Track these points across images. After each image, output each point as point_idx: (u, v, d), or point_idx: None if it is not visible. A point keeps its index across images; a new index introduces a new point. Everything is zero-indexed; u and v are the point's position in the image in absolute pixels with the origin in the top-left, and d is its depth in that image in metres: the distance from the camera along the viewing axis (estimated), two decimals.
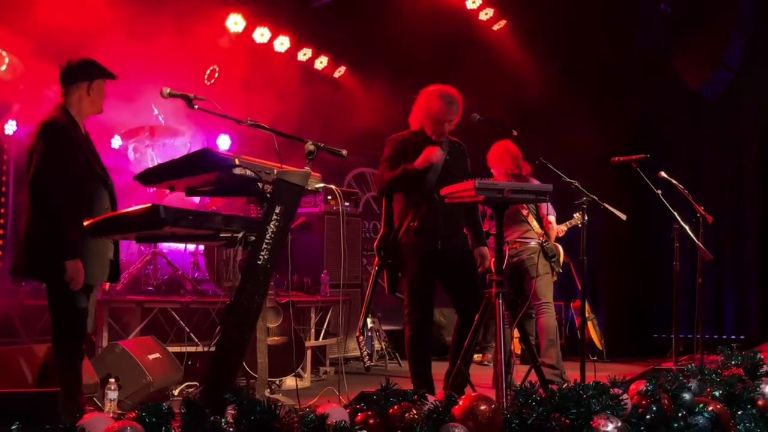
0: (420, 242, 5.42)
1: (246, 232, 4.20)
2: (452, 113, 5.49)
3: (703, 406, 3.70)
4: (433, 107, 5.46)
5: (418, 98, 5.60)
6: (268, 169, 4.17)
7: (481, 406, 3.01)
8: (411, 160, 5.42)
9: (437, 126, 5.48)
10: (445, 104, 5.47)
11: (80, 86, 4.81)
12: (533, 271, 6.80)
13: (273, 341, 6.43)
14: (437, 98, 5.48)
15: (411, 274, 5.48)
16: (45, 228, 4.45)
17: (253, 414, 2.54)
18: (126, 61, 8.03)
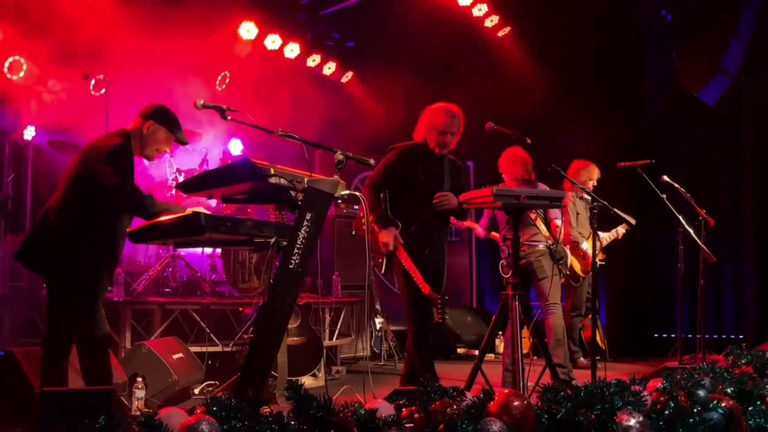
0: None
1: (278, 238, 4.41)
2: (454, 126, 5.85)
3: (716, 403, 3.90)
4: (437, 120, 5.84)
5: (423, 114, 5.97)
6: (299, 178, 4.37)
7: (514, 402, 3.21)
8: (413, 171, 5.79)
9: (440, 137, 5.82)
10: (448, 117, 5.83)
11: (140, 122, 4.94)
12: (540, 273, 7.01)
13: (292, 341, 6.63)
14: (441, 112, 5.87)
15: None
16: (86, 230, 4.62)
17: (311, 408, 2.74)
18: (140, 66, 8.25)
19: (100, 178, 4.56)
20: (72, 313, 4.68)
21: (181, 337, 6.77)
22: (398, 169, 5.82)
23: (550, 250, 7.03)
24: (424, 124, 5.91)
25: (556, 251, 7.07)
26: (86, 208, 4.61)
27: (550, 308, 7.01)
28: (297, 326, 6.87)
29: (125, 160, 4.70)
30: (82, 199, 4.65)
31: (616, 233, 8.78)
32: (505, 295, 5.21)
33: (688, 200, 7.24)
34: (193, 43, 8.50)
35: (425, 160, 5.87)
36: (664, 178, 7.23)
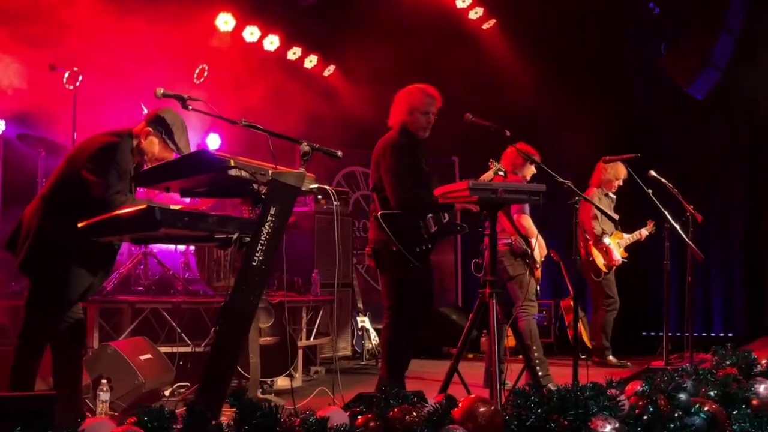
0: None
1: (241, 233, 4.19)
2: (433, 105, 5.61)
3: (699, 407, 3.70)
4: (415, 101, 5.58)
5: (397, 98, 5.71)
6: (263, 170, 4.14)
7: (480, 408, 3.00)
8: (419, 160, 5.54)
9: (423, 118, 5.58)
10: (427, 97, 5.60)
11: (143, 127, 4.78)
12: (505, 274, 6.81)
13: (265, 341, 6.42)
14: (418, 92, 5.62)
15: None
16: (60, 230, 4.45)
17: (254, 417, 2.52)
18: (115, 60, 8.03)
19: (83, 177, 4.46)
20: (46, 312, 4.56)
21: (151, 338, 6.56)
22: (411, 160, 5.53)
23: (511, 248, 6.81)
24: (401, 108, 5.62)
25: (516, 247, 6.84)
26: (71, 207, 4.46)
27: (519, 311, 6.77)
28: (270, 326, 6.66)
29: (110, 160, 4.56)
30: (66, 198, 4.55)
31: (639, 234, 8.73)
32: (482, 294, 5.01)
33: (676, 195, 7.06)
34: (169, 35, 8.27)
35: (415, 147, 5.61)
36: (651, 173, 7.08)
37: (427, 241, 5.42)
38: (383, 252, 5.45)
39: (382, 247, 5.45)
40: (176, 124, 4.75)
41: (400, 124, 5.62)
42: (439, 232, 5.46)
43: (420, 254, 5.39)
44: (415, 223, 5.38)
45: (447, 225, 5.48)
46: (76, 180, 4.56)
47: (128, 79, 7.92)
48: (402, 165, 5.46)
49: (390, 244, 5.35)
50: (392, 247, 5.35)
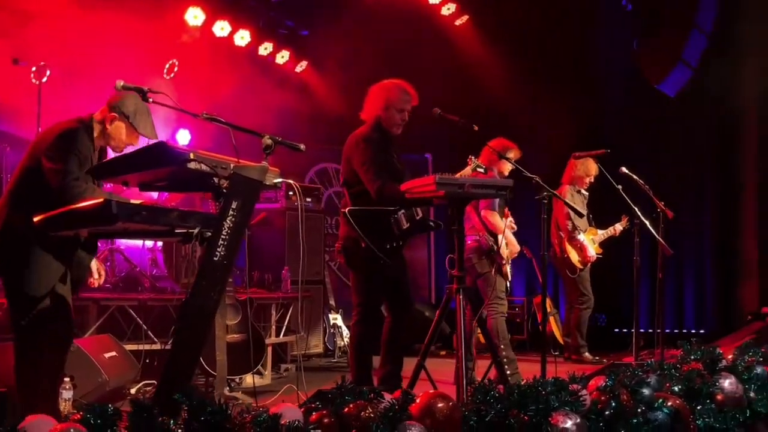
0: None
1: (202, 228, 4.11)
2: (409, 103, 5.53)
3: (662, 402, 3.68)
4: (392, 97, 5.49)
5: (371, 93, 5.62)
6: (224, 164, 4.07)
7: (438, 404, 2.96)
8: (391, 156, 5.47)
9: (398, 116, 5.50)
10: (405, 94, 5.51)
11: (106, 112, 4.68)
12: (472, 271, 6.78)
13: (232, 339, 6.34)
14: (396, 89, 5.53)
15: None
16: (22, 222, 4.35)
17: (203, 414, 2.46)
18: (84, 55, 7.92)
19: (43, 166, 4.36)
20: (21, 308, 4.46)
21: (118, 335, 6.47)
22: (384, 155, 5.45)
23: (479, 244, 6.77)
24: (377, 102, 5.52)
25: (485, 245, 6.79)
26: (37, 199, 4.33)
27: (488, 309, 6.72)
28: (237, 323, 6.57)
29: (70, 147, 4.44)
30: (30, 190, 4.43)
31: (613, 230, 8.72)
32: (449, 289, 4.97)
33: (647, 192, 7.05)
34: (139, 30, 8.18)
35: (388, 143, 5.54)
36: (622, 170, 7.05)
37: (398, 237, 5.35)
38: (352, 248, 5.37)
39: (352, 243, 5.37)
40: (140, 109, 4.65)
41: (374, 119, 5.54)
42: (412, 228, 5.39)
43: (390, 251, 5.31)
44: (386, 220, 5.30)
45: (420, 221, 5.41)
46: (38, 170, 4.46)
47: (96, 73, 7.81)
48: (376, 156, 5.38)
49: (359, 240, 5.28)
50: (361, 243, 5.28)
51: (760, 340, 6.57)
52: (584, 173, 8.38)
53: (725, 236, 10.23)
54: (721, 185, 10.27)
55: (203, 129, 8.92)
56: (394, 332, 5.57)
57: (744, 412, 4.24)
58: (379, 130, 5.52)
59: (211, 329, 4.42)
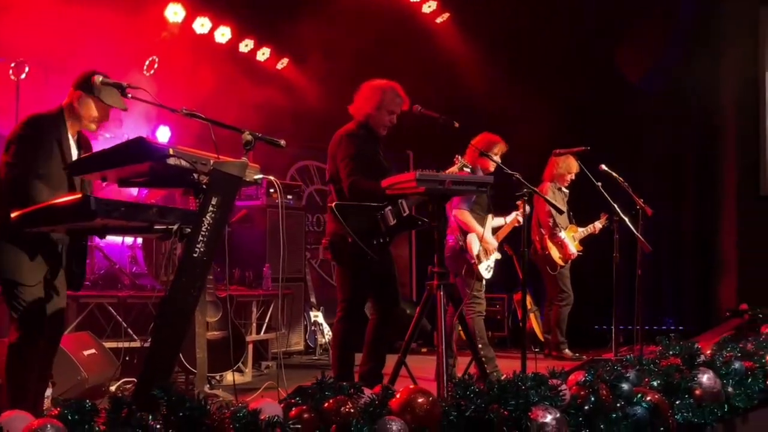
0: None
1: (182, 225, 4.09)
2: (400, 106, 5.57)
3: (641, 396, 3.70)
4: (386, 98, 5.53)
5: (365, 90, 5.62)
6: (204, 160, 4.05)
7: (418, 399, 2.95)
8: (377, 155, 5.49)
9: (386, 116, 5.54)
10: (397, 96, 5.55)
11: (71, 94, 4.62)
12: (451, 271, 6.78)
13: (212, 336, 6.32)
14: (390, 90, 5.56)
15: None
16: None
17: (182, 410, 2.44)
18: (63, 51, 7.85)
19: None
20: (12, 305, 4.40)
21: (97, 332, 6.44)
22: (371, 155, 5.48)
23: (456, 243, 6.78)
24: (369, 101, 5.55)
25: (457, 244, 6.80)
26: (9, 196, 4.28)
27: (467, 308, 6.73)
28: (218, 320, 6.54)
29: (26, 140, 4.38)
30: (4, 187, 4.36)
31: (593, 228, 8.72)
32: (429, 286, 4.96)
33: (626, 189, 7.07)
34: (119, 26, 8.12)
35: (375, 141, 5.59)
36: (602, 167, 7.08)
37: (385, 234, 5.35)
38: (339, 244, 5.38)
39: (339, 239, 5.37)
40: (105, 82, 4.60)
41: (363, 116, 5.57)
42: (399, 225, 5.39)
43: (377, 247, 5.31)
44: (373, 216, 5.30)
45: (407, 218, 5.41)
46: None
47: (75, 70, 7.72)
48: (358, 152, 5.40)
49: (346, 236, 5.28)
50: (348, 238, 5.27)
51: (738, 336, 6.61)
52: (565, 170, 8.41)
53: (704, 233, 10.29)
54: (700, 182, 10.32)
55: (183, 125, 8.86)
56: (379, 329, 5.58)
57: (722, 406, 4.27)
58: (366, 128, 5.56)
59: (190, 326, 4.40)
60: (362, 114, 5.57)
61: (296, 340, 8.98)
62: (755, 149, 10.10)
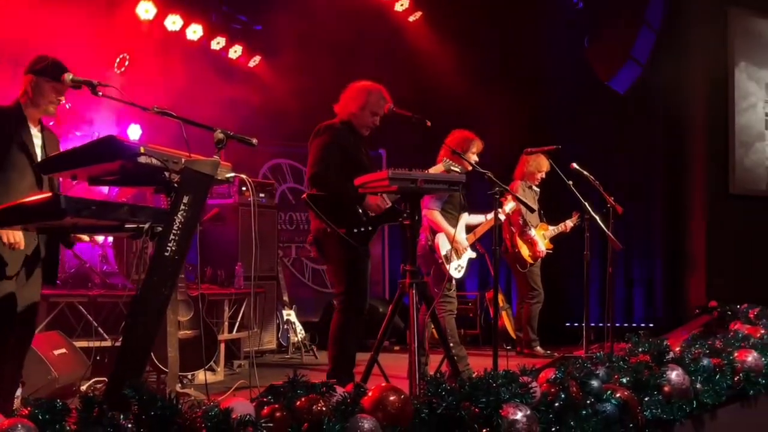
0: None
1: (153, 223, 4.07)
2: (383, 108, 5.64)
3: (610, 393, 3.74)
4: (372, 100, 5.62)
5: (351, 90, 5.71)
6: (175, 158, 4.03)
7: (390, 397, 2.97)
8: (359, 152, 5.55)
9: (370, 118, 5.63)
10: (382, 99, 5.63)
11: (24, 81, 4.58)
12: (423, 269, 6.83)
13: (184, 335, 6.28)
14: (377, 92, 5.65)
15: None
16: None
17: (153, 409, 2.44)
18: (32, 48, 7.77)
19: None
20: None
21: (67, 332, 6.40)
22: (349, 149, 5.53)
23: (428, 242, 6.81)
24: (356, 101, 5.64)
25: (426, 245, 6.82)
26: None
27: (439, 306, 6.76)
28: (190, 319, 6.52)
29: None
30: None
31: (564, 226, 8.75)
32: (402, 284, 4.98)
33: (597, 187, 7.13)
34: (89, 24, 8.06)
35: (359, 141, 5.66)
36: (573, 166, 7.12)
37: (366, 223, 5.41)
38: (323, 238, 5.44)
39: (322, 234, 5.43)
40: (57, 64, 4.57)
41: (347, 115, 5.65)
42: (381, 216, 5.45)
43: (359, 236, 5.36)
44: (352, 205, 5.36)
45: (389, 210, 5.45)
46: None
47: None
48: (333, 145, 5.45)
49: (327, 228, 5.34)
50: (328, 229, 5.34)
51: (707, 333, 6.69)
52: (536, 169, 8.45)
53: (674, 231, 10.38)
54: (671, 180, 10.42)
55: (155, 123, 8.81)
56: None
57: (691, 402, 4.32)
58: (349, 126, 5.64)
59: (162, 325, 4.38)
60: (346, 113, 5.65)
61: (269, 339, 8.96)
62: (724, 148, 10.23)
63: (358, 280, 5.46)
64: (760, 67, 10.50)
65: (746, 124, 10.35)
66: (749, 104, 10.40)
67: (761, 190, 10.55)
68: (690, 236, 10.27)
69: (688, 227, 10.30)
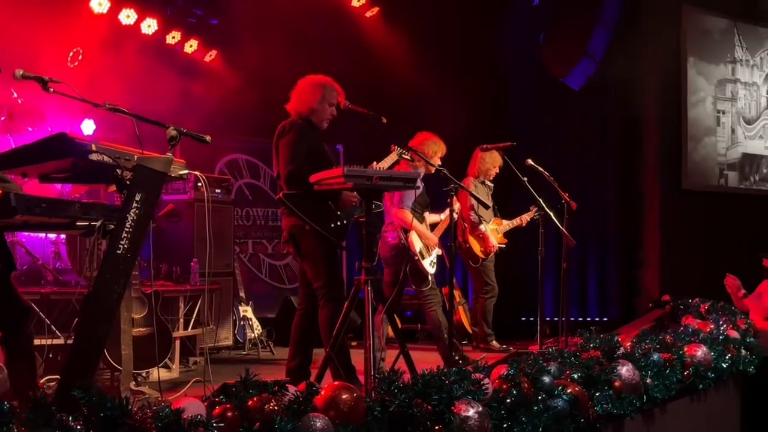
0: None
1: (105, 221, 4.05)
2: (336, 98, 5.72)
3: (562, 389, 3.79)
4: (327, 93, 5.67)
5: (306, 86, 5.72)
6: (127, 155, 4.02)
7: (342, 395, 2.98)
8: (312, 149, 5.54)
9: (328, 110, 5.67)
10: (335, 90, 5.71)
11: None
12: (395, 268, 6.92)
13: (138, 332, 6.25)
14: (330, 84, 5.71)
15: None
16: None
17: (103, 410, 2.42)
18: None
19: None
20: None
21: None
22: (314, 145, 5.56)
23: (397, 242, 6.86)
24: (313, 96, 5.66)
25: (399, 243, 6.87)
26: None
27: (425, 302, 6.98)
28: (144, 316, 6.48)
29: None
30: None
31: (520, 220, 8.75)
32: (357, 281, 4.99)
33: (552, 183, 7.20)
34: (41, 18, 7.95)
35: (320, 136, 5.70)
36: (528, 162, 7.20)
37: (341, 216, 5.46)
38: (299, 234, 5.47)
39: (298, 230, 5.46)
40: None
41: (307, 111, 5.67)
42: (354, 210, 5.52)
43: (336, 230, 5.42)
44: (324, 200, 5.40)
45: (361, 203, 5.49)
46: None
47: None
48: (300, 142, 5.48)
49: (303, 225, 5.37)
50: (306, 227, 5.37)
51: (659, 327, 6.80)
52: (491, 165, 8.49)
53: (628, 226, 10.50)
54: (624, 176, 10.54)
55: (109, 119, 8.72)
56: (308, 324, 5.63)
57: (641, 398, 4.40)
58: (309, 122, 5.66)
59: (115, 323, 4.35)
60: (306, 109, 5.66)
61: (225, 335, 8.91)
62: (677, 144, 10.39)
63: (336, 271, 5.57)
64: (708, 63, 10.69)
65: (696, 118, 10.53)
66: (698, 99, 10.59)
67: (713, 185, 10.75)
68: (644, 231, 10.40)
69: (642, 222, 10.43)
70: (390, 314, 5.42)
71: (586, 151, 10.67)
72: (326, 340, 5.41)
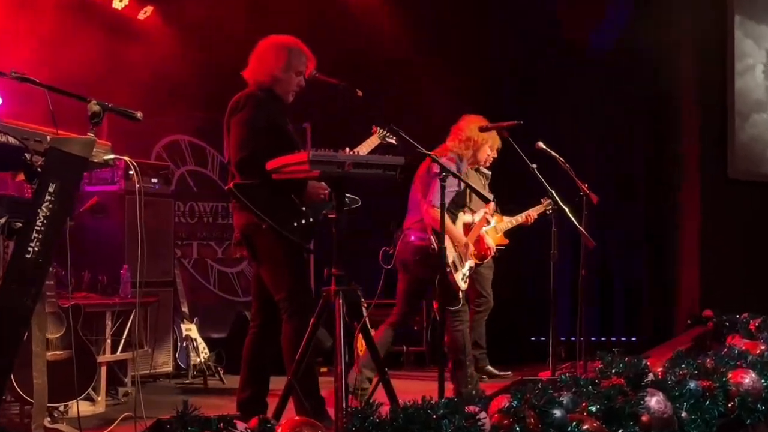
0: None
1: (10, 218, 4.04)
2: (306, 66, 5.70)
3: (576, 425, 3.79)
4: (294, 58, 5.67)
5: (267, 49, 5.72)
6: (38, 136, 4.03)
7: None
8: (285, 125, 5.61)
9: (295, 78, 5.68)
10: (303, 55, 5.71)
11: None
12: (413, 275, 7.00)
13: (54, 356, 6.23)
14: (296, 48, 5.70)
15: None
16: None
17: None
18: None
19: None
20: None
21: None
22: (276, 122, 5.56)
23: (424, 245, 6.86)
24: (276, 63, 5.65)
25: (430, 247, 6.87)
26: None
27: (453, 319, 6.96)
28: (61, 336, 6.45)
29: None
30: None
31: (527, 216, 8.50)
32: (326, 291, 4.98)
33: (568, 172, 7.20)
34: None
35: (284, 111, 5.69)
36: (539, 145, 7.19)
37: (306, 214, 5.45)
38: (255, 235, 5.47)
39: (253, 229, 5.45)
40: None
41: (269, 81, 5.65)
42: (324, 205, 5.48)
43: (299, 229, 5.41)
44: (286, 195, 5.40)
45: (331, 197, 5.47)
46: None
47: None
48: (260, 117, 5.47)
49: (260, 222, 5.35)
50: (262, 225, 5.35)
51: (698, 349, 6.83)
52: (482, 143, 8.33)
53: (660, 224, 10.53)
54: (656, 163, 10.55)
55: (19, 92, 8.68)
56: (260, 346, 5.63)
57: None
58: (271, 93, 5.65)
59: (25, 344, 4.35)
60: (267, 77, 5.64)
61: (163, 360, 8.89)
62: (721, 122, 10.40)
63: (302, 278, 5.64)
64: (759, 22, 10.63)
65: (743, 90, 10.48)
66: (746, 66, 10.54)
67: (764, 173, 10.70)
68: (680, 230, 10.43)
69: (677, 219, 10.45)
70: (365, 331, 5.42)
71: (609, 133, 10.67)
72: (289, 364, 5.39)
